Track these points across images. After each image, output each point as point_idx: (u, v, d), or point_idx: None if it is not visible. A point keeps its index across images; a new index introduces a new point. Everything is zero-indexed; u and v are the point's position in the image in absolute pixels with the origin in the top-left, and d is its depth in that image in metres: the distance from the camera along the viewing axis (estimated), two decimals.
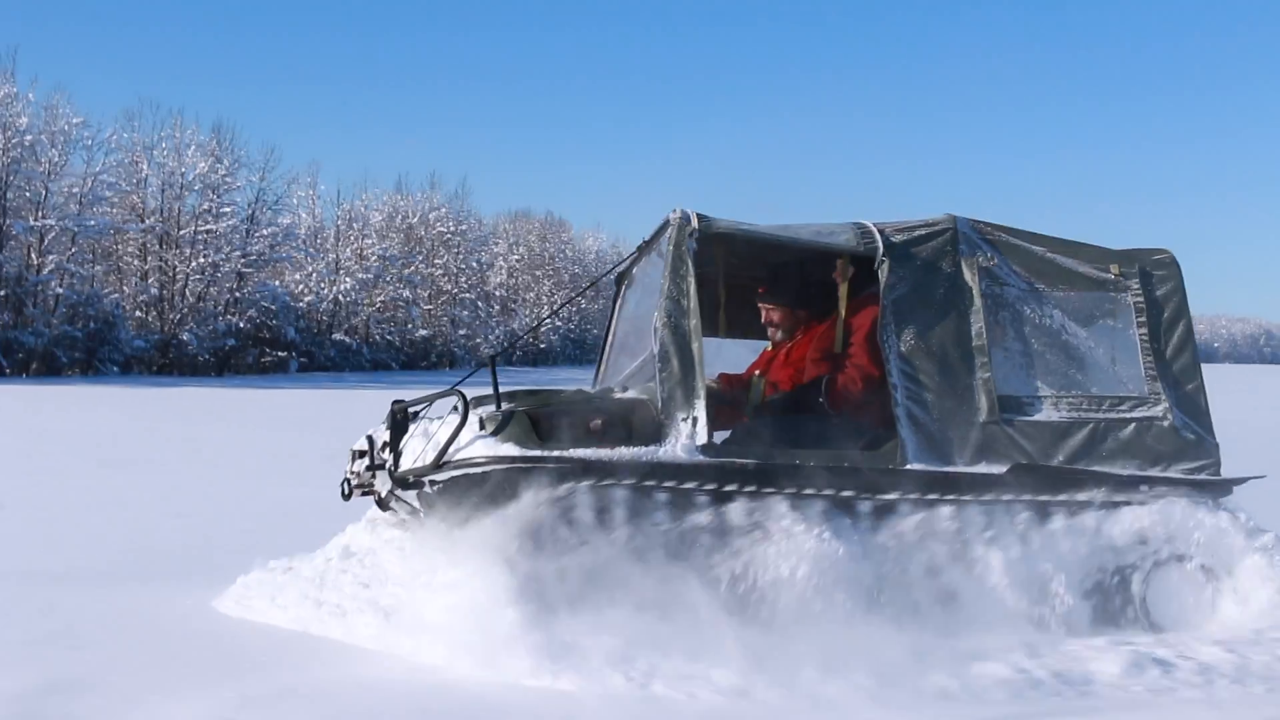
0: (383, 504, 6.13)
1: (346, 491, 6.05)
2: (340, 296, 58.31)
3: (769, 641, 4.94)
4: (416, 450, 5.62)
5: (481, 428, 5.42)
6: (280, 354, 52.82)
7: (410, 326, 61.32)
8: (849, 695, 4.37)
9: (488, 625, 4.86)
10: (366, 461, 5.94)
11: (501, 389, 5.67)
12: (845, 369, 5.89)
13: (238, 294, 52.58)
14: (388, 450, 5.82)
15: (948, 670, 4.74)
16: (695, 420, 5.37)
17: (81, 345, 46.42)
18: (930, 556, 5.53)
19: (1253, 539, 5.75)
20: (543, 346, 70.36)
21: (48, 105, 48.12)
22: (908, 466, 5.56)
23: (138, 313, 50.30)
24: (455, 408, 5.58)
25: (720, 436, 5.91)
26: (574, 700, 4.35)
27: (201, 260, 51.15)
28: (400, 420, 5.83)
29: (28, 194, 47.15)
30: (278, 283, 55.50)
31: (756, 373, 6.30)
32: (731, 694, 4.46)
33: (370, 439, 6.01)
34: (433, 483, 5.50)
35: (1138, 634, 5.52)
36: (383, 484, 5.84)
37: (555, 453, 5.31)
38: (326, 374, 51.49)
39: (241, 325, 51.94)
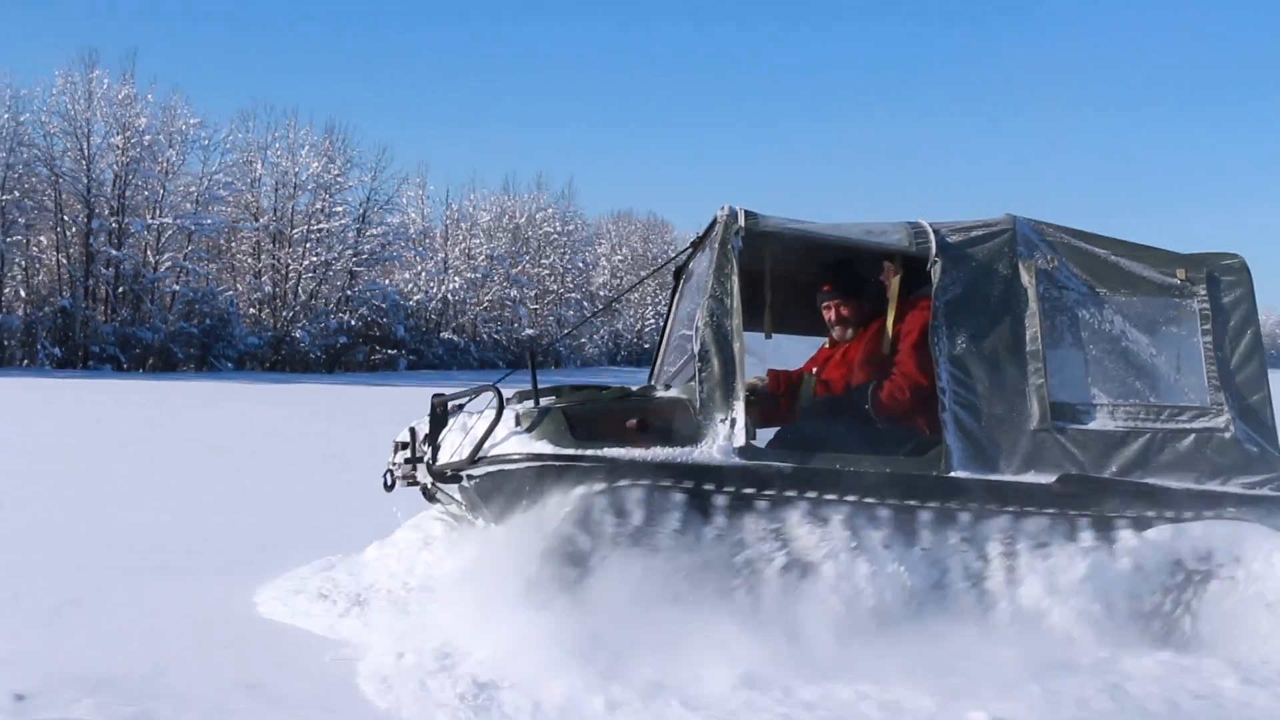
0: (429, 495, 6.26)
1: (389, 483, 6.10)
2: (449, 295, 59.14)
3: (792, 650, 4.82)
4: (454, 444, 5.60)
5: (517, 424, 5.37)
6: (390, 352, 53.73)
7: (516, 325, 62.03)
8: (908, 713, 4.35)
9: (506, 628, 4.82)
10: (408, 454, 5.94)
11: (553, 384, 5.82)
12: (893, 377, 5.77)
13: (348, 292, 53.65)
14: (427, 443, 5.82)
15: (1006, 686, 4.63)
16: (734, 422, 5.33)
17: (197, 341, 48.28)
18: (973, 568, 5.35)
19: None
20: (646, 346, 71.87)
21: (165, 106, 50.10)
22: (952, 474, 5.42)
23: (251, 310, 51.68)
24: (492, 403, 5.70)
25: (768, 435, 5.87)
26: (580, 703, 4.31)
27: (313, 259, 52.63)
28: (440, 414, 5.81)
29: (145, 193, 48.88)
30: (387, 281, 56.45)
31: (814, 370, 6.15)
32: (738, 697, 4.40)
33: (413, 431, 5.98)
34: (469, 477, 5.52)
35: (1189, 657, 5.26)
36: (424, 476, 5.90)
37: (588, 451, 5.27)
38: (435, 371, 52.05)
39: (352, 323, 53.05)
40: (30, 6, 79.54)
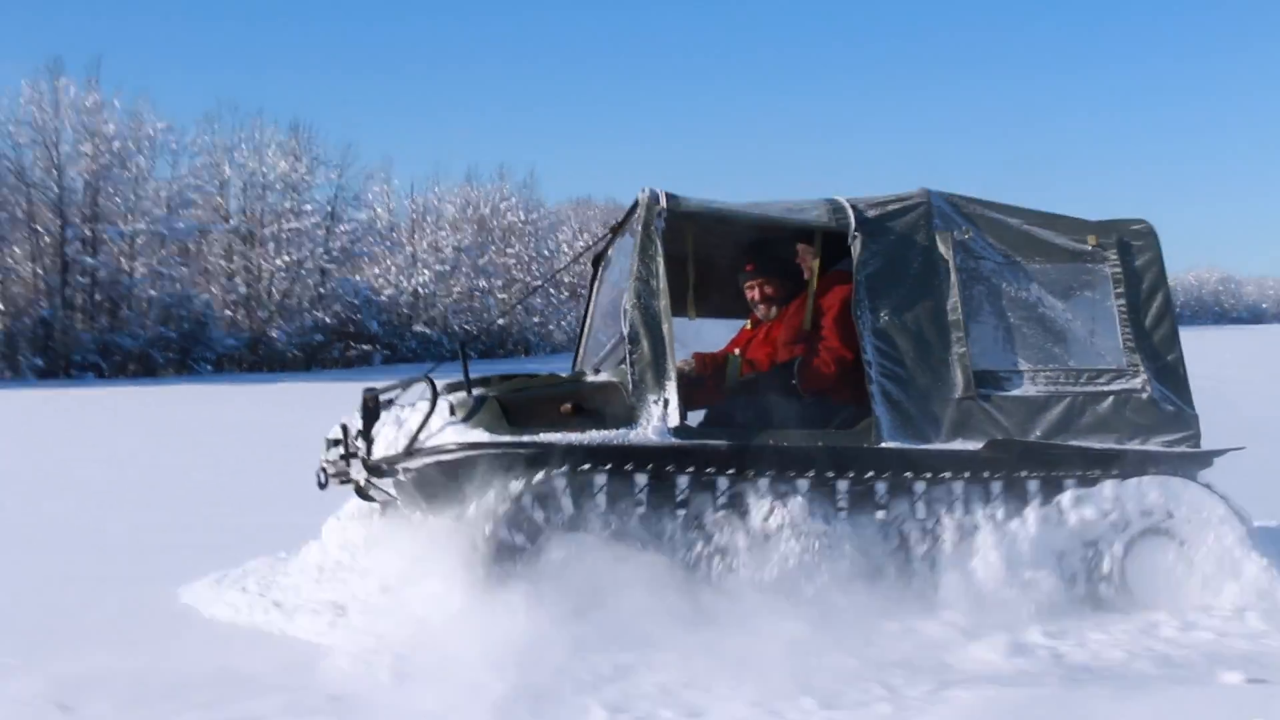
0: (362, 493, 6.21)
1: (323, 480, 6.02)
2: (419, 289, 59.57)
3: (738, 613, 4.94)
4: (389, 438, 5.61)
5: (452, 414, 5.42)
6: (364, 347, 54.65)
7: (487, 316, 62.82)
8: (832, 681, 4.26)
9: (449, 620, 4.84)
10: (340, 450, 5.88)
11: (481, 375, 5.81)
12: (818, 352, 5.90)
13: (321, 290, 53.96)
14: (361, 439, 5.79)
15: (932, 648, 4.76)
16: (666, 402, 5.40)
17: (176, 345, 48.13)
18: (907, 534, 5.55)
19: (1230, 515, 5.67)
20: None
21: (132, 112, 49.23)
22: (883, 445, 5.55)
23: (227, 312, 51.49)
24: (425, 394, 5.71)
25: (696, 417, 5.93)
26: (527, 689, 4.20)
27: (285, 258, 52.39)
28: (372, 408, 5.79)
29: (117, 200, 48.47)
30: (358, 278, 56.75)
31: (736, 350, 6.27)
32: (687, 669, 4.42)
33: (344, 427, 5.94)
34: (405, 470, 5.58)
35: (1114, 609, 5.47)
36: (358, 472, 5.84)
37: (525, 438, 5.31)
38: (409, 365, 53.05)
39: (327, 321, 53.54)
40: None
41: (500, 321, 56.06)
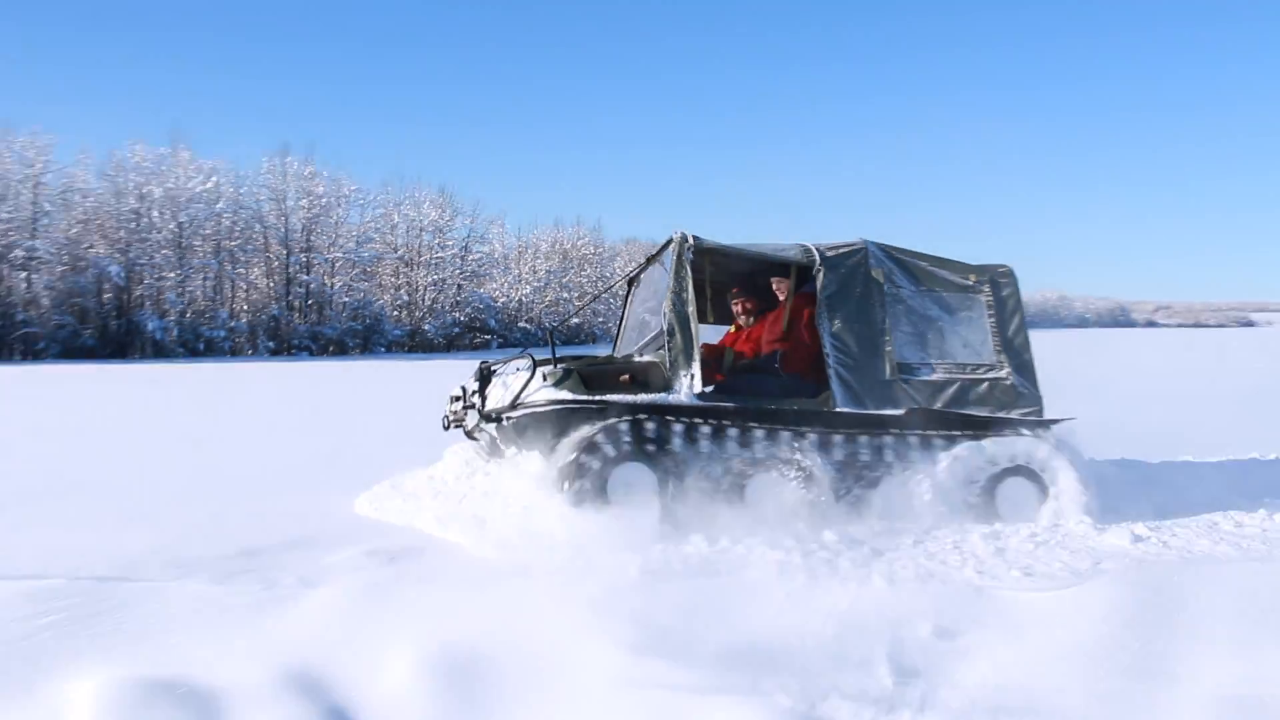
0: (470, 434, 6.79)
1: (446, 425, 6.81)
2: (522, 299, 64.39)
3: (747, 522, 5.75)
4: (498, 395, 6.39)
5: (545, 380, 6.22)
6: (486, 337, 60.08)
7: (566, 316, 64.15)
8: (810, 559, 5.15)
9: (544, 524, 5.59)
10: (460, 404, 6.65)
11: (564, 355, 6.59)
12: (795, 346, 6.62)
13: (458, 298, 59.98)
14: (477, 396, 6.51)
15: (865, 544, 5.54)
16: (693, 376, 6.17)
17: (360, 334, 54.75)
18: (854, 468, 6.37)
19: (1064, 461, 6.45)
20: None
21: (334, 179, 56.43)
22: (838, 409, 6.31)
23: (394, 312, 57.71)
24: (526, 366, 6.32)
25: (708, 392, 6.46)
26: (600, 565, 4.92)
27: (434, 277, 59.15)
28: (486, 374, 6.63)
29: (324, 237, 55.18)
30: (482, 290, 62.28)
31: (730, 345, 6.98)
32: (721, 553, 5.26)
33: (464, 387, 6.69)
34: (509, 417, 6.19)
35: (994, 525, 6.28)
36: (471, 420, 6.49)
37: (599, 397, 6.04)
38: (514, 348, 52.92)
39: (461, 319, 59.53)
40: (241, 110, 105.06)
41: (574, 320, 61.37)
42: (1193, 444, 10.01)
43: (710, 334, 7.31)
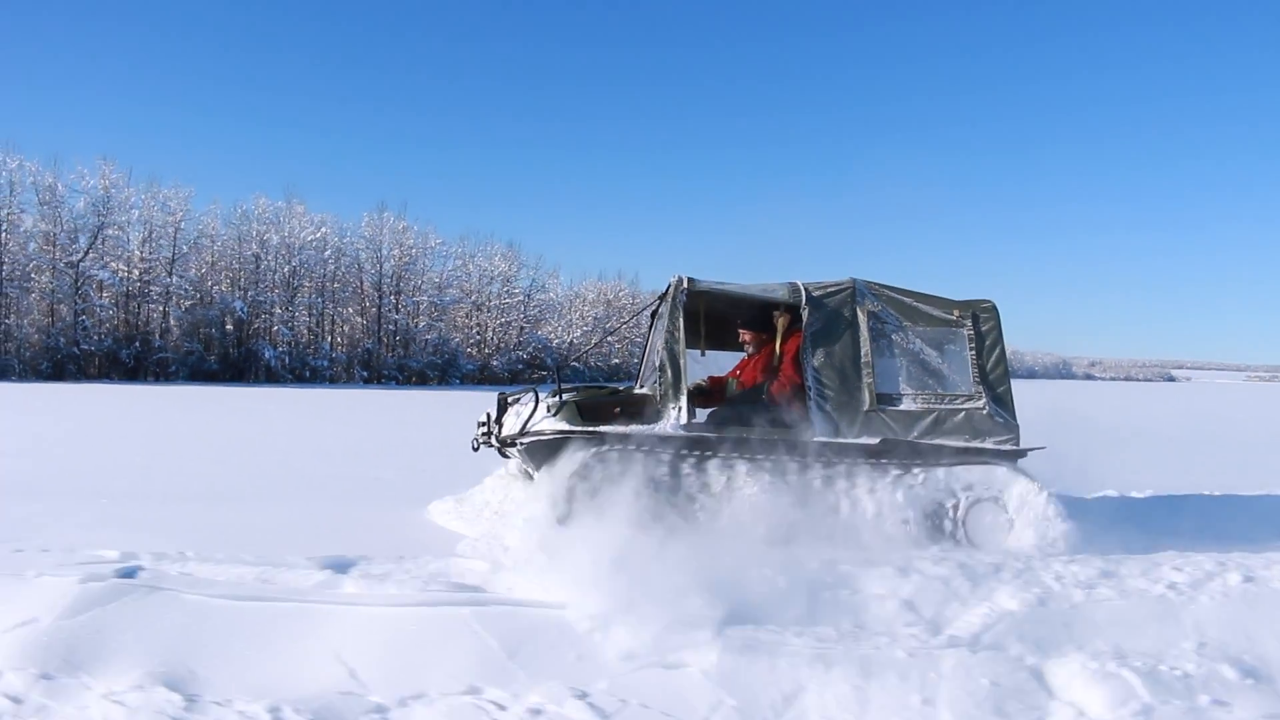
0: (503, 454, 6.99)
1: (475, 447, 6.94)
2: (572, 340, 67.43)
3: (719, 547, 5.69)
4: (511, 423, 6.66)
5: (548, 411, 6.46)
6: (544, 372, 63.84)
7: (609, 356, 70.77)
8: (782, 557, 5.27)
9: (539, 538, 5.80)
10: (485, 429, 6.87)
11: (569, 387, 6.74)
12: (779, 379, 6.61)
13: (520, 339, 64.60)
14: (495, 423, 6.74)
15: (838, 571, 5.36)
16: (680, 409, 6.26)
17: (439, 367, 59.93)
18: (827, 494, 6.37)
19: (1032, 490, 6.43)
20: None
21: (423, 233, 61.88)
22: (815, 438, 6.28)
23: (468, 349, 62.66)
24: (529, 399, 6.63)
25: (704, 416, 6.70)
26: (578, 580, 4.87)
27: (502, 320, 64.11)
28: (503, 405, 6.86)
29: (411, 282, 60.66)
30: (541, 332, 66.76)
31: (737, 373, 7.04)
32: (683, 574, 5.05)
33: (488, 414, 6.87)
34: (520, 442, 6.42)
35: (962, 549, 6.24)
36: (494, 442, 6.71)
37: (589, 428, 6.22)
38: (568, 382, 59.03)
39: (524, 356, 64.15)
40: (346, 168, 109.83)
41: (615, 360, 65.41)
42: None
43: (723, 358, 7.66)
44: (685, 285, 6.50)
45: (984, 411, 6.69)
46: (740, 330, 7.09)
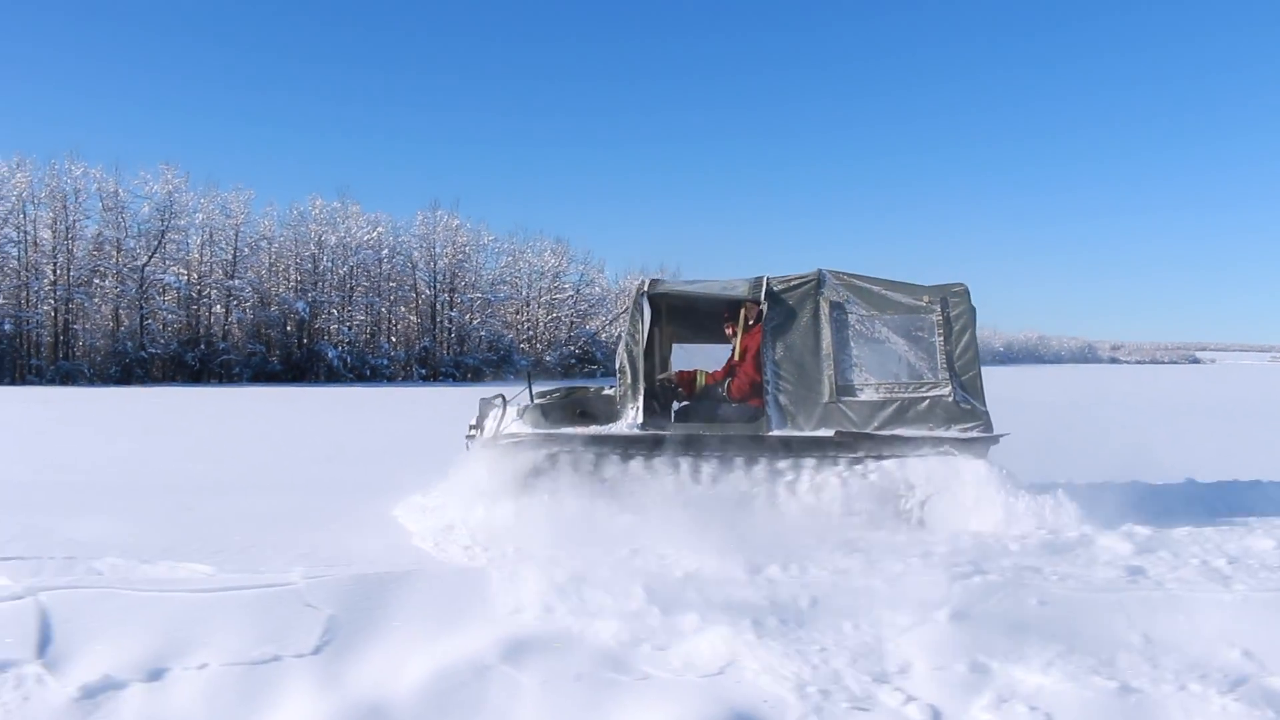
0: None
1: (467, 446, 7.14)
2: (621, 334, 73.57)
3: (666, 528, 5.82)
4: (489, 425, 6.90)
5: (517, 415, 6.67)
6: (593, 367, 65.13)
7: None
8: (731, 570, 5.07)
9: (503, 514, 6.30)
10: (472, 430, 7.10)
11: (556, 389, 7.06)
12: (738, 375, 6.76)
13: (571, 333, 66.00)
14: (476, 428, 7.03)
15: (789, 554, 5.38)
16: (637, 409, 6.43)
17: (494, 363, 60.86)
18: (785, 484, 6.44)
19: (993, 478, 6.39)
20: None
21: (474, 230, 61.90)
22: (771, 433, 6.35)
23: (521, 345, 63.67)
24: (499, 403, 6.94)
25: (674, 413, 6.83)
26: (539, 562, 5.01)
27: (553, 315, 65.23)
28: (484, 408, 7.13)
29: (465, 279, 60.63)
30: (589, 326, 68.02)
31: (701, 369, 7.16)
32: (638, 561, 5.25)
33: (478, 416, 7.06)
34: (499, 444, 6.64)
35: (922, 533, 6.25)
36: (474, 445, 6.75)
37: (548, 430, 6.49)
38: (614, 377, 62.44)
39: (575, 350, 65.37)
40: (398, 166, 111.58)
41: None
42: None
43: (700, 353, 7.88)
44: (645, 287, 6.60)
45: (950, 398, 6.56)
46: (726, 323, 7.17)
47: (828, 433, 6.45)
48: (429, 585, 4.60)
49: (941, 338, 6.67)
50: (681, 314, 7.51)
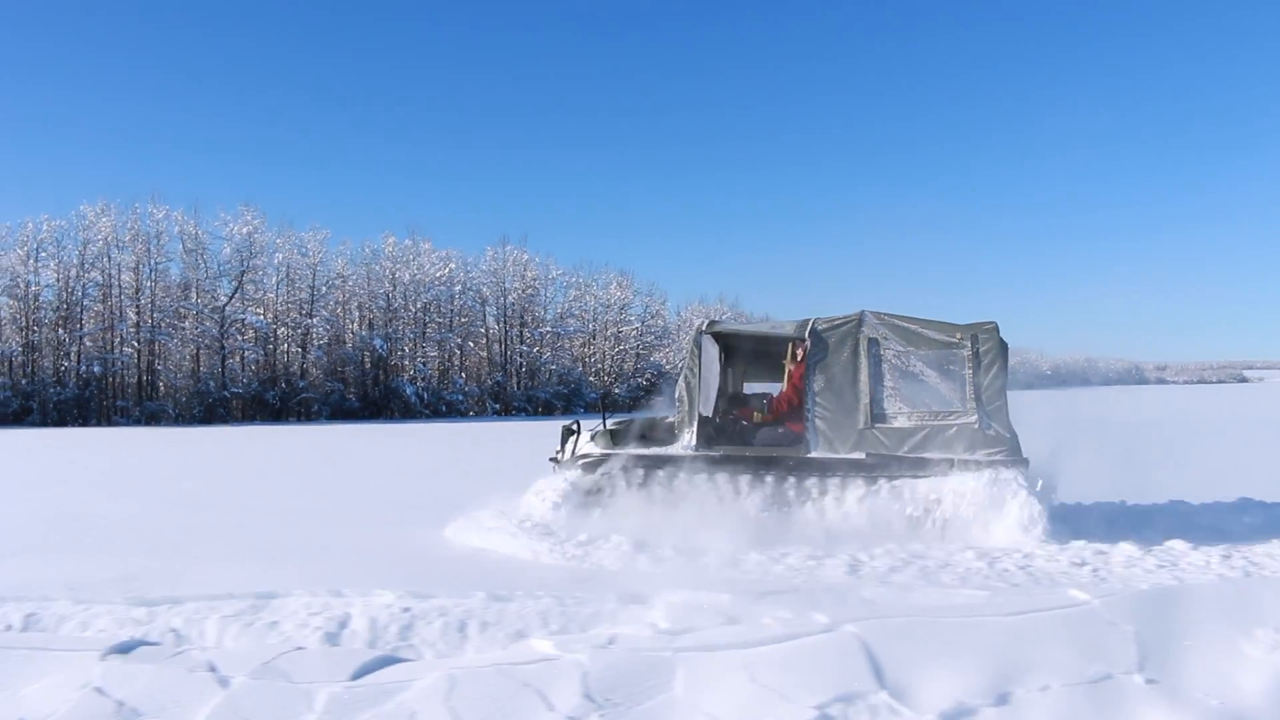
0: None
1: (553, 468, 8.23)
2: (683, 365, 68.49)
3: (723, 542, 6.63)
4: (571, 447, 8.01)
5: (591, 438, 7.74)
6: (660, 398, 69.10)
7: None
8: (773, 565, 6.09)
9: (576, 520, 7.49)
10: (558, 452, 8.21)
11: (625, 418, 7.73)
12: (779, 395, 7.81)
13: (637, 365, 65.40)
14: (560, 450, 8.22)
15: (832, 564, 6.33)
16: (693, 434, 7.31)
17: (564, 396, 60.40)
18: (819, 501, 7.24)
19: (1007, 495, 6.92)
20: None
21: (543, 264, 62.09)
22: (810, 454, 7.02)
23: (590, 378, 63.37)
24: (577, 429, 8.17)
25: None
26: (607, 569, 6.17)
27: (619, 349, 64.82)
28: (566, 433, 8.43)
29: (533, 313, 60.84)
30: (655, 358, 67.44)
31: (758, 411, 8.20)
32: (692, 559, 6.21)
33: (562, 440, 8.20)
34: (578, 463, 7.65)
35: (945, 544, 6.81)
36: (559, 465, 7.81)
37: (615, 450, 7.56)
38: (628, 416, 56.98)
39: (642, 382, 64.37)
40: (467, 202, 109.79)
41: None
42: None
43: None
44: (704, 328, 7.76)
45: (976, 425, 7.19)
46: (795, 353, 8.14)
47: (860, 455, 7.29)
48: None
49: (971, 370, 7.26)
50: (750, 357, 8.61)
